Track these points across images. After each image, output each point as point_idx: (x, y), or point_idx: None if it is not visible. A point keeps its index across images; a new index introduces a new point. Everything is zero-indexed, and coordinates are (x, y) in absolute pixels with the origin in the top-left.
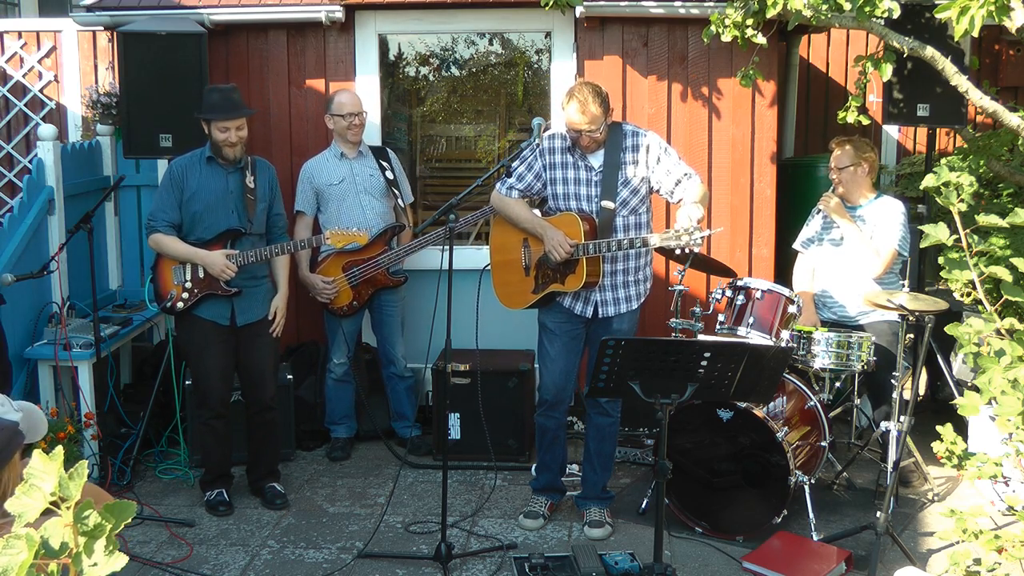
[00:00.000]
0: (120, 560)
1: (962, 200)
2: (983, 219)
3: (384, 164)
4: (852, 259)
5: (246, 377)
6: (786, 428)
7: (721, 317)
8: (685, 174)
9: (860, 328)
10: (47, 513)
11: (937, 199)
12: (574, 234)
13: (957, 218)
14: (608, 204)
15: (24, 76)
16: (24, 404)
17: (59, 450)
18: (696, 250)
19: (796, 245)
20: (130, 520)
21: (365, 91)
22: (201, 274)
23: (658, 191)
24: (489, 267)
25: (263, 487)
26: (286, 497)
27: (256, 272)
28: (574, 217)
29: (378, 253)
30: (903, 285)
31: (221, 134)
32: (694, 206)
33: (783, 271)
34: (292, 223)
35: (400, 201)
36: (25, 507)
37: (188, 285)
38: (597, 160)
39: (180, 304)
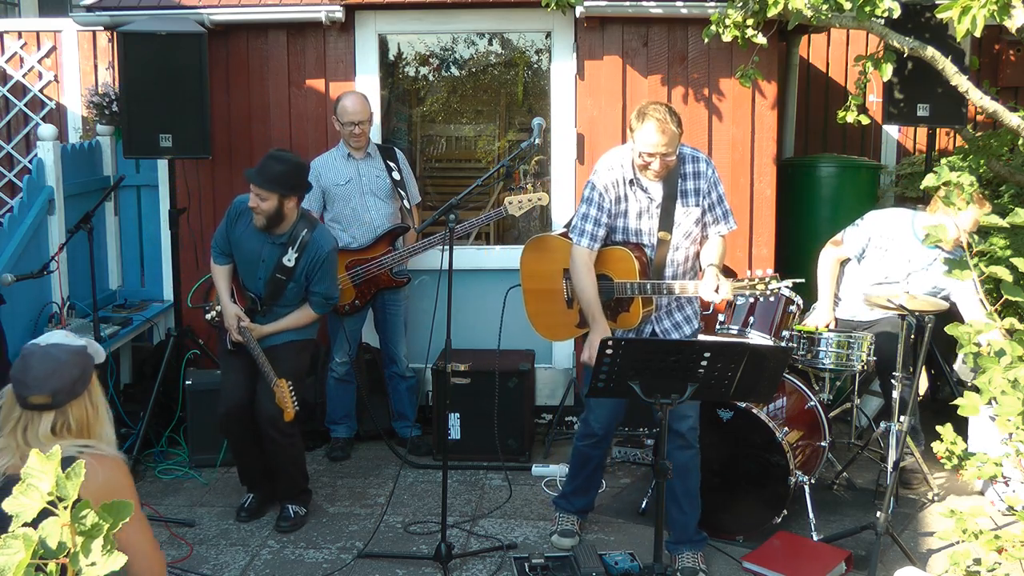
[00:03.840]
0: (119, 559)
1: (963, 200)
2: (983, 219)
3: (391, 165)
4: (898, 277)
5: (256, 396)
6: (786, 428)
7: (721, 317)
8: (724, 214)
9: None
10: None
11: (938, 199)
12: (628, 272)
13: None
14: (665, 236)
15: (24, 76)
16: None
17: (56, 449)
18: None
19: (847, 240)
20: (127, 520)
21: (365, 91)
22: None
23: None
24: (518, 286)
25: (283, 503)
26: (297, 520)
27: (283, 302)
28: (627, 254)
29: (382, 253)
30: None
31: (251, 196)
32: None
33: (783, 271)
34: None
35: (406, 203)
36: (22, 507)
37: (219, 308)
38: (657, 188)
39: (208, 316)
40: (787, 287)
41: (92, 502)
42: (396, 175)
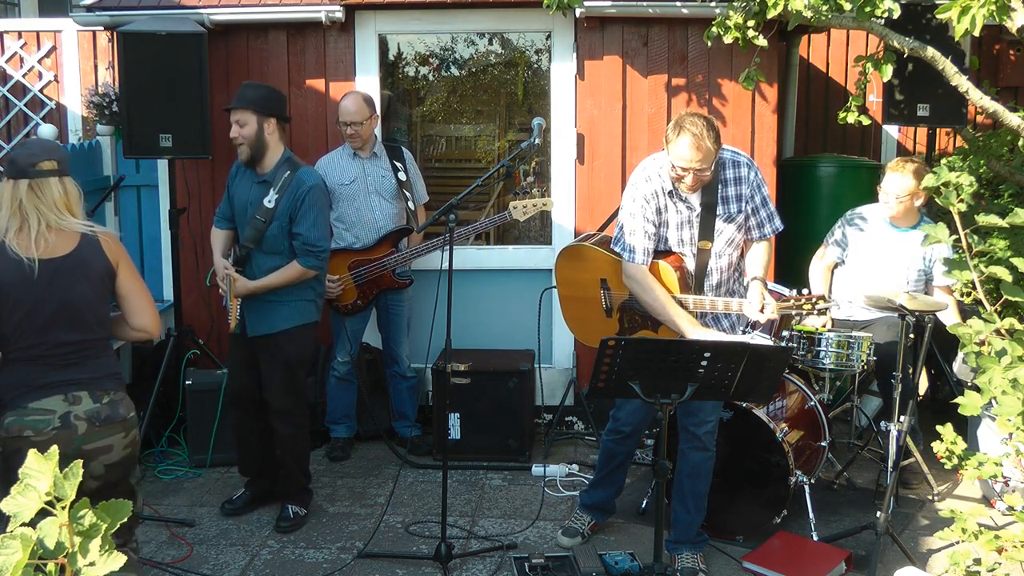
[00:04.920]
0: (118, 560)
1: (962, 200)
2: (983, 219)
3: (398, 165)
4: (886, 275)
5: (261, 383)
6: (786, 428)
7: None
8: (768, 217)
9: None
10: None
11: (937, 199)
12: (668, 285)
13: (957, 218)
14: (705, 245)
15: (24, 76)
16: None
17: (54, 449)
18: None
19: (831, 242)
20: (126, 519)
21: (365, 91)
22: None
23: None
24: (554, 289)
25: (283, 503)
26: (297, 521)
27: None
28: (667, 267)
29: (384, 254)
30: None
31: (232, 127)
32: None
33: (783, 271)
34: None
35: (410, 204)
36: (21, 507)
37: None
38: (695, 197)
39: (221, 291)
40: (827, 307)
41: (121, 264)
42: (402, 175)
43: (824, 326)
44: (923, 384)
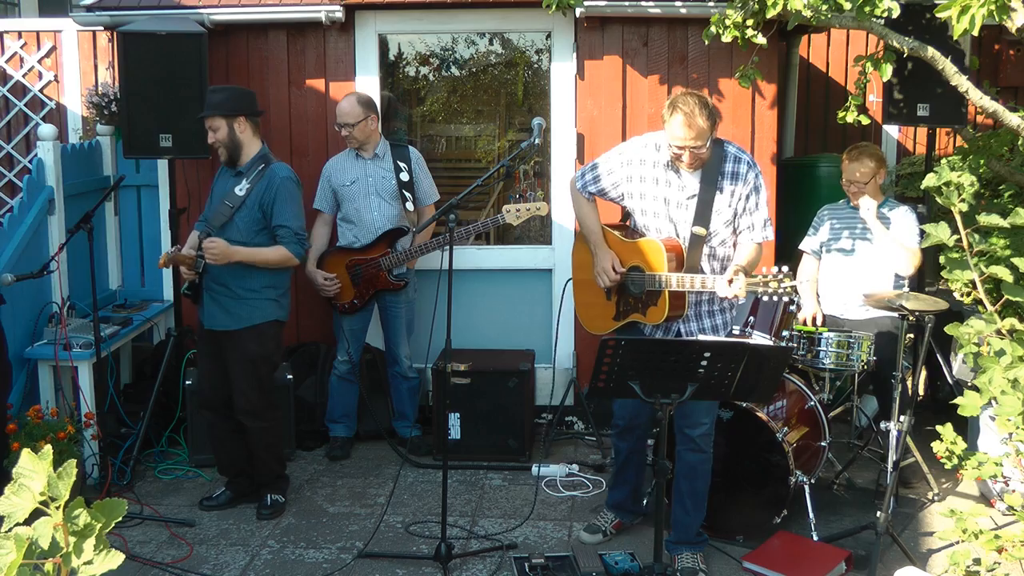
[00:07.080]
0: (116, 558)
1: (963, 200)
2: (984, 219)
3: (402, 165)
4: (863, 265)
5: (229, 381)
6: (786, 428)
7: None
8: (761, 223)
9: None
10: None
11: (938, 199)
12: (657, 264)
13: (958, 218)
14: (699, 230)
15: (24, 76)
16: None
17: (48, 449)
18: (784, 300)
19: (804, 247)
20: (121, 518)
21: (365, 91)
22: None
23: None
24: (555, 289)
25: (261, 493)
26: (276, 508)
27: (223, 280)
28: (658, 246)
29: (379, 255)
30: (903, 285)
31: (208, 134)
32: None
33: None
34: (312, 221)
35: (408, 205)
36: (15, 507)
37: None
38: (694, 181)
39: (183, 291)
40: (794, 285)
41: None
42: (404, 176)
43: (814, 317)
44: (921, 384)
